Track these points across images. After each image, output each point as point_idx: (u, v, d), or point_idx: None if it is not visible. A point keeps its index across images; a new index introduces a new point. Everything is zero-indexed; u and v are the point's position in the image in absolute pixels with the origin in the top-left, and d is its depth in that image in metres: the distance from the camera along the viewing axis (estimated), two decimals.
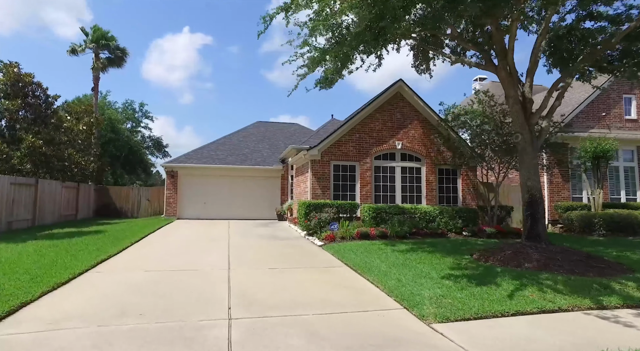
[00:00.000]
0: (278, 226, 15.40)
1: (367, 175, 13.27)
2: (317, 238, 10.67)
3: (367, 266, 7.11)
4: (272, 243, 10.46)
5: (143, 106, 36.44)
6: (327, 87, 9.95)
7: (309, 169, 13.03)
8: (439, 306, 4.83)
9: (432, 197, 13.74)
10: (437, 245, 9.64)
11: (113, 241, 9.68)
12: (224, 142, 21.35)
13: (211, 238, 11.19)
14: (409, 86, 13.72)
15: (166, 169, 17.77)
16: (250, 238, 11.33)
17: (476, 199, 14.26)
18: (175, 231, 12.76)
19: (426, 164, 13.86)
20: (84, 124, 17.83)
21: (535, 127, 8.23)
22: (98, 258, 7.40)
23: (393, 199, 13.51)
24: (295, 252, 9.10)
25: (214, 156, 19.29)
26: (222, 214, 18.27)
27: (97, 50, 25.22)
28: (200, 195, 18.30)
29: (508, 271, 6.60)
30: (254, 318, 4.45)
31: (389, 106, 13.80)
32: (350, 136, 13.34)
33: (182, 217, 17.90)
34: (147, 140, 36.87)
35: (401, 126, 13.83)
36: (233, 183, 18.73)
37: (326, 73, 9.76)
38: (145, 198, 21.30)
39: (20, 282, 5.49)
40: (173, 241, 10.40)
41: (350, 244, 9.65)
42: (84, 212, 18.49)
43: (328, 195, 12.92)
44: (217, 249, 9.15)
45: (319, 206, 11.35)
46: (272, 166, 18.88)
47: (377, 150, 13.48)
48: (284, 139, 22.92)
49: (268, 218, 18.66)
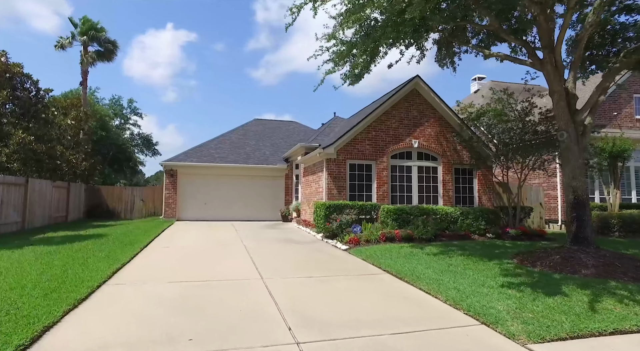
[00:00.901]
0: (286, 228, 14.72)
1: (383, 175, 12.74)
2: (339, 241, 10.06)
3: (412, 273, 6.56)
4: (291, 247, 9.80)
5: (132, 102, 35.13)
6: (354, 82, 9.41)
7: (323, 168, 12.41)
8: (523, 322, 4.30)
9: (448, 197, 13.32)
10: (468, 248, 9.18)
11: (119, 247, 8.84)
12: (223, 140, 20.50)
13: (223, 242, 10.45)
14: (426, 83, 13.26)
15: (165, 168, 16.84)
16: (265, 242, 10.64)
17: (492, 199, 13.92)
18: (181, 234, 11.94)
19: (442, 164, 13.43)
20: (72, 119, 16.71)
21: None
22: (112, 267, 6.61)
23: (410, 199, 13.02)
24: (323, 257, 8.47)
25: (215, 154, 18.44)
26: (224, 215, 17.46)
27: (86, 43, 23.93)
28: (200, 195, 17.44)
29: (567, 278, 6.14)
30: (323, 342, 3.82)
31: (405, 103, 13.30)
32: (366, 133, 12.78)
33: (182, 218, 17.01)
34: (136, 137, 35.52)
35: (417, 124, 13.35)
36: (235, 183, 17.93)
37: (353, 67, 9.22)
38: (139, 198, 20.26)
39: (33, 299, 4.70)
40: (184, 246, 9.62)
41: (378, 248, 9.09)
42: (75, 213, 17.37)
43: (344, 196, 12.33)
44: (236, 255, 8.45)
45: (339, 207, 10.74)
46: (275, 165, 18.16)
47: (394, 149, 12.96)
48: (285, 138, 22.22)
49: (272, 219, 17.94)
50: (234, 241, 10.75)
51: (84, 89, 24.08)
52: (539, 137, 10.80)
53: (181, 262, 7.58)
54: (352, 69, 9.41)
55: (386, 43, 7.90)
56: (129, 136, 34.90)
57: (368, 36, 8.28)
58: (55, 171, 15.41)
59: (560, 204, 14.74)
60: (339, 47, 8.96)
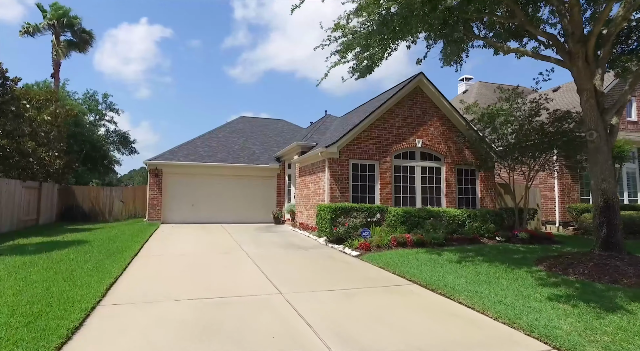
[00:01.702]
0: (282, 231, 13.93)
1: (387, 175, 12.19)
2: (347, 247, 9.41)
3: (444, 284, 5.99)
4: (297, 254, 9.07)
5: (107, 97, 33.15)
6: (363, 74, 8.79)
7: (325, 168, 11.72)
8: (605, 348, 3.78)
9: (452, 199, 12.93)
10: (485, 253, 8.74)
11: (107, 256, 7.84)
12: (210, 137, 19.44)
13: (222, 248, 9.58)
14: (430, 80, 12.81)
15: (149, 167, 15.66)
16: (266, 247, 9.85)
17: (494, 201, 13.65)
18: (171, 240, 10.94)
19: (446, 164, 13.03)
20: (49, 114, 15.27)
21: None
22: (104, 282, 5.69)
23: (413, 201, 12.54)
24: (337, 266, 7.78)
25: (202, 153, 17.38)
26: (213, 217, 16.46)
27: (58, 31, 22.21)
28: (187, 196, 16.36)
29: (613, 289, 5.73)
30: None
31: (409, 101, 12.80)
32: (369, 132, 12.19)
33: (168, 221, 15.88)
34: (112, 135, 33.58)
35: (421, 123, 12.89)
36: (224, 183, 16.96)
37: (360, 61, 8.61)
38: (118, 199, 18.90)
39: (12, 330, 3.78)
40: (180, 254, 8.70)
41: (392, 254, 8.51)
42: (47, 216, 15.92)
43: (347, 197, 11.68)
44: (242, 264, 7.64)
45: (346, 210, 10.08)
46: (267, 165, 17.31)
47: (397, 148, 12.43)
48: (274, 136, 21.39)
49: (264, 222, 17.09)
50: (232, 246, 9.90)
51: (56, 81, 22.41)
52: (552, 137, 10.51)
53: (183, 274, 6.70)
54: (359, 62, 8.82)
55: (409, 34, 7.30)
56: (105, 133, 32.97)
57: (386, 26, 7.66)
58: (25, 170, 13.99)
59: (558, 205, 14.66)
60: (348, 38, 8.34)
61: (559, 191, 14.79)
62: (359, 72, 8.65)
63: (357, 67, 8.79)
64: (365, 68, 8.53)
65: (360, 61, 8.74)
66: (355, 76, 9.13)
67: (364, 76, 8.95)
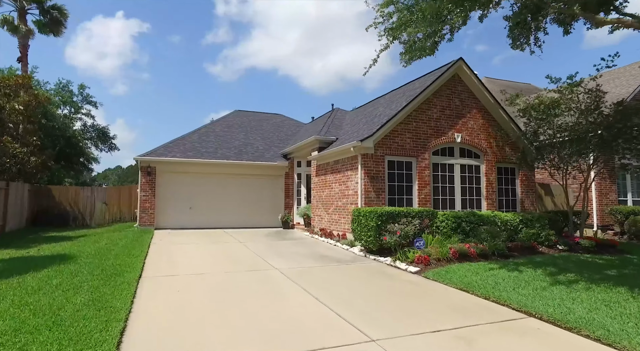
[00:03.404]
0: (297, 237, 12.17)
1: (425, 174, 10.64)
2: (399, 260, 7.78)
3: (574, 318, 4.46)
4: (341, 271, 7.37)
5: (84, 88, 30.27)
6: (421, 54, 7.39)
7: (358, 165, 10.05)
8: None
9: (492, 200, 11.53)
10: (569, 268, 7.30)
11: (102, 279, 5.91)
12: (207, 132, 17.40)
13: (243, 263, 7.76)
14: (470, 68, 11.35)
15: (141, 164, 13.52)
16: (296, 261, 8.10)
17: (535, 203, 12.35)
18: (176, 252, 9.00)
19: (486, 162, 11.61)
20: (21, 104, 12.93)
21: None
22: (110, 329, 3.83)
23: (453, 203, 11.05)
24: (404, 288, 6.13)
25: (200, 148, 15.36)
26: (213, 222, 14.49)
27: (22, 4, 19.41)
28: (184, 198, 14.32)
29: None
30: None
31: (447, 90, 11.30)
32: (406, 124, 10.60)
33: (162, 226, 13.80)
34: (90, 130, 30.74)
35: (460, 115, 11.42)
36: (226, 183, 15.01)
37: (419, 41, 7.20)
38: (100, 201, 16.61)
39: None
40: (194, 273, 6.82)
41: (460, 270, 6.96)
42: (15, 221, 13.56)
43: (383, 199, 10.06)
44: (282, 287, 5.89)
45: (393, 215, 8.44)
46: (275, 162, 15.47)
47: (436, 143, 10.91)
48: (275, 131, 19.55)
49: (271, 226, 15.25)
50: (254, 260, 8.09)
51: (24, 67, 19.69)
52: (619, 132, 9.20)
53: (215, 306, 4.88)
54: (409, 45, 7.40)
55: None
56: (81, 127, 30.09)
57: None
58: None
59: (596, 207, 13.52)
60: (404, 14, 6.95)
61: (597, 192, 13.66)
62: (418, 53, 7.19)
63: (414, 47, 7.35)
64: (432, 44, 7.08)
65: (416, 41, 7.33)
66: (406, 59, 7.67)
67: (425, 54, 7.48)
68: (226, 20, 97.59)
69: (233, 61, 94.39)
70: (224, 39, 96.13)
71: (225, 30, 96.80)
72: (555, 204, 12.88)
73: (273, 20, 62.49)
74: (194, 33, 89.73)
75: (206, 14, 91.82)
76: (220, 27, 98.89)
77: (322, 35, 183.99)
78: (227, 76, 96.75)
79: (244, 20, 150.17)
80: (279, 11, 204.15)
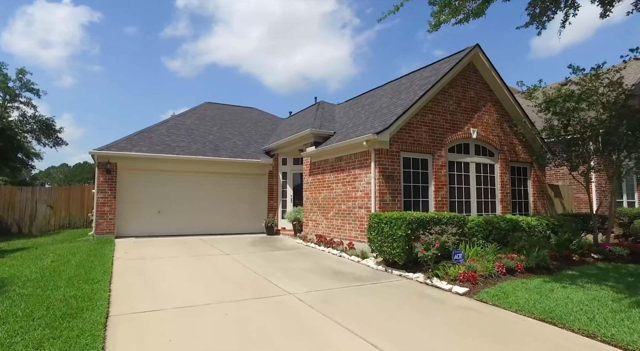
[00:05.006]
0: (290, 246, 10.49)
1: (441, 173, 9.41)
2: (436, 278, 6.40)
3: None
4: (371, 294, 5.86)
5: (23, 73, 26.24)
6: (471, 16, 6.09)
7: (371, 162, 8.58)
8: None
9: (507, 203, 10.55)
10: (623, 281, 6.31)
11: (47, 328, 3.94)
12: (176, 124, 15.17)
13: (244, 287, 6.00)
14: (487, 56, 10.30)
15: (98, 160, 11.12)
16: (308, 280, 6.49)
17: (546, 206, 11.56)
18: (150, 270, 7.01)
19: (500, 160, 10.62)
20: None
21: None
22: None
23: (468, 206, 9.92)
24: (470, 319, 4.72)
25: (170, 142, 13.17)
26: (186, 227, 12.40)
27: None
28: (152, 200, 12.08)
29: None
30: None
31: (462, 80, 10.16)
32: (422, 116, 9.30)
33: (125, 234, 11.49)
34: (30, 121, 26.81)
35: (475, 109, 10.33)
36: (201, 182, 12.95)
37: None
38: (44, 204, 13.88)
39: None
40: (183, 305, 4.98)
41: (516, 289, 5.74)
42: None
43: (399, 203, 8.67)
44: (316, 326, 4.28)
45: (423, 222, 7.03)
46: (258, 160, 13.63)
47: (452, 139, 9.72)
48: (252, 126, 17.69)
49: (254, 232, 13.41)
50: (257, 282, 6.37)
51: None
52: None
53: None
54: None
55: None
56: (19, 118, 26.10)
57: None
58: None
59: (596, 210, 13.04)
60: None
61: (597, 194, 13.23)
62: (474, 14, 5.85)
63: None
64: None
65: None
66: (437, 20, 6.39)
67: (471, 16, 6.20)
68: (186, 13, 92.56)
69: (194, 56, 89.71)
70: (183, 33, 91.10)
71: (186, 24, 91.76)
72: (564, 207, 12.23)
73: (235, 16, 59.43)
74: (151, 25, 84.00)
75: (165, 6, 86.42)
76: (180, 20, 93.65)
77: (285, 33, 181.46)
78: (187, 71, 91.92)
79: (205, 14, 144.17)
80: (241, 7, 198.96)
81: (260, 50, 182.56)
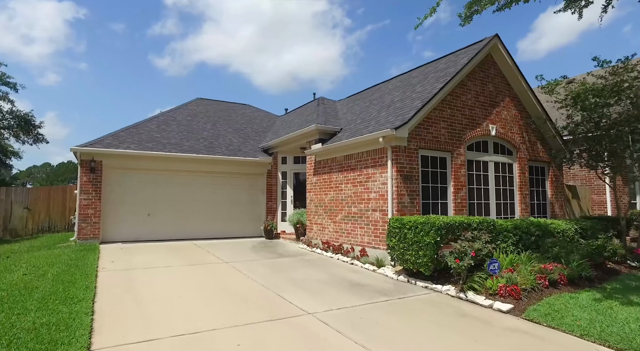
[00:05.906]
0: (294, 252, 9.62)
1: (460, 173, 8.67)
2: (472, 291, 5.63)
3: None
4: (402, 312, 5.05)
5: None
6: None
7: (387, 161, 7.77)
8: None
9: (526, 205, 9.89)
10: None
11: None
12: (167, 120, 14.13)
13: (257, 306, 5.11)
14: (506, 48, 9.61)
15: (81, 158, 10.05)
16: (326, 295, 5.65)
17: (564, 207, 10.95)
18: (141, 287, 6.06)
19: (518, 160, 9.95)
20: None
21: None
22: None
23: (487, 208, 9.21)
24: (520, 347, 3.95)
25: (160, 139, 12.14)
26: (179, 231, 11.40)
27: None
28: (140, 202, 11.04)
29: None
30: None
31: (480, 73, 9.45)
32: (440, 111, 8.54)
33: (111, 239, 10.44)
34: (8, 117, 25.24)
35: (493, 104, 9.63)
36: (194, 183, 11.97)
37: None
38: (21, 206, 12.71)
39: None
40: (189, 336, 4.08)
41: (571, 306, 5.02)
42: None
43: (418, 205, 7.89)
44: None
45: (452, 227, 6.25)
46: (256, 158, 12.71)
47: (471, 136, 8.99)
48: (247, 123, 16.75)
49: (253, 235, 12.51)
50: (268, 297, 5.49)
51: None
52: None
53: None
54: None
55: None
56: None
57: None
58: None
59: (610, 212, 12.54)
60: None
61: (611, 195, 12.72)
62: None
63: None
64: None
65: None
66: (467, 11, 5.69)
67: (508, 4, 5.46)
68: (175, 11, 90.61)
69: (182, 54, 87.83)
70: (172, 31, 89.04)
71: (174, 21, 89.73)
72: (581, 209, 11.65)
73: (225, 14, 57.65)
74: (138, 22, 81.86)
75: (153, 3, 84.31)
76: (169, 17, 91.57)
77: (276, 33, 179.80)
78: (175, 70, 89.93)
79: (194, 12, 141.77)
80: (232, 6, 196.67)
81: (251, 50, 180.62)
